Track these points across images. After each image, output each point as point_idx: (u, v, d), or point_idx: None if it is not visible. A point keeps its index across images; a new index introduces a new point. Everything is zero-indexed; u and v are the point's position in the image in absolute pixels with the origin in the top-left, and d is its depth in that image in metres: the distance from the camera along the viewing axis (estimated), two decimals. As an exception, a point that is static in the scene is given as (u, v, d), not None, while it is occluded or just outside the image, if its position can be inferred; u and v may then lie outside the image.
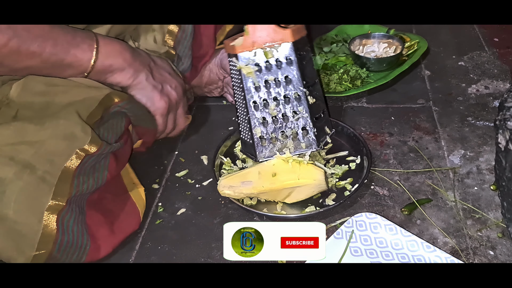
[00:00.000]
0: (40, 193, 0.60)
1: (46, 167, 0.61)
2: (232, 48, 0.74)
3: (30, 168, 0.60)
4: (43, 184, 0.60)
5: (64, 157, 0.63)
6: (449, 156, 0.84)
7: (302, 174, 0.73)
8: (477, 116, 0.93)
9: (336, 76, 1.04)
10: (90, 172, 0.66)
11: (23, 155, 0.60)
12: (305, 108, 0.75)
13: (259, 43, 0.73)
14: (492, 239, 0.68)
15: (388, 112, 0.97)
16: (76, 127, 0.65)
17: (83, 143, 0.64)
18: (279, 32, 0.72)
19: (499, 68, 1.08)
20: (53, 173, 0.61)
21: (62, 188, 0.62)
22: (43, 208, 0.60)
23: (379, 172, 0.82)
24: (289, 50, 0.73)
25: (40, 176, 0.60)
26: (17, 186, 0.58)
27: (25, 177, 0.59)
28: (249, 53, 0.73)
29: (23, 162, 0.60)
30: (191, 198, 0.81)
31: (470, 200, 0.75)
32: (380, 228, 0.69)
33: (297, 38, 0.74)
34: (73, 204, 0.64)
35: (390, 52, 1.09)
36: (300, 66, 0.74)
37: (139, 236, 0.74)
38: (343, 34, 1.21)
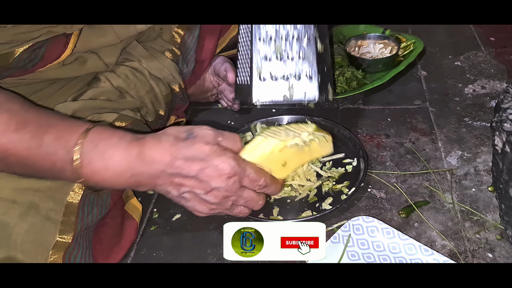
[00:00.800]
0: (45, 232, 0.59)
1: (49, 205, 0.60)
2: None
3: (34, 208, 0.59)
4: (48, 222, 0.59)
5: (65, 191, 0.62)
6: (446, 158, 0.83)
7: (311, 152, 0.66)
8: (474, 117, 0.92)
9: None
10: (94, 201, 0.65)
11: (25, 196, 0.59)
12: (313, 52, 0.69)
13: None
14: (491, 241, 0.68)
15: (385, 113, 0.96)
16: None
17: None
18: None
19: (495, 68, 1.07)
20: (57, 210, 0.60)
21: (68, 224, 0.61)
22: (49, 247, 0.59)
23: (376, 174, 0.81)
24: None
25: (45, 215, 0.59)
26: (22, 229, 0.57)
27: (29, 219, 0.58)
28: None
29: (27, 203, 0.59)
30: (186, 203, 0.80)
31: (468, 202, 0.74)
32: (377, 231, 0.68)
33: None
34: (80, 239, 0.63)
35: (386, 53, 1.08)
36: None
37: (134, 243, 0.73)
38: (338, 35, 1.20)
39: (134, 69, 0.80)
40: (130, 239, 0.73)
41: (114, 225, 0.72)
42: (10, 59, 0.67)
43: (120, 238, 0.72)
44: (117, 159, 0.56)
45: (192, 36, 0.91)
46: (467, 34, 1.23)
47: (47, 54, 0.69)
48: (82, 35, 0.71)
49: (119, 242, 0.71)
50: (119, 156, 0.56)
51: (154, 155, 0.56)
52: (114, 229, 0.72)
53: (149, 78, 0.82)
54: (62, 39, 0.69)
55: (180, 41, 0.89)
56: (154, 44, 0.86)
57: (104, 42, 0.75)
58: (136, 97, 0.79)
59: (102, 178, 0.57)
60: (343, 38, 1.17)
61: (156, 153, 0.56)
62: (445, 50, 1.17)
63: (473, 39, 1.20)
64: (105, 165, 0.56)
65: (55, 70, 0.72)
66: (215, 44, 0.95)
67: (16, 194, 0.59)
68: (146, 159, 0.56)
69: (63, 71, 0.73)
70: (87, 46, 0.73)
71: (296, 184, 0.79)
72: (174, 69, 0.85)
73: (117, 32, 0.75)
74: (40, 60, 0.69)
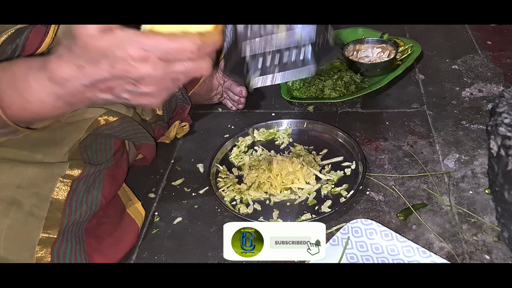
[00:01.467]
0: (29, 228, 0.59)
1: (33, 201, 0.60)
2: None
3: (17, 204, 0.59)
4: (32, 218, 0.60)
5: (48, 187, 0.62)
6: (444, 160, 0.84)
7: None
8: (471, 120, 0.93)
9: (330, 82, 1.04)
10: (83, 198, 0.66)
11: (6, 192, 0.59)
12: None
13: None
14: (488, 244, 0.69)
15: (383, 117, 0.97)
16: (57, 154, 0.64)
17: (63, 170, 0.64)
18: None
19: (492, 71, 1.08)
20: (41, 206, 0.61)
21: (53, 220, 0.61)
22: (35, 243, 0.59)
23: (374, 177, 0.82)
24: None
25: (28, 211, 0.60)
26: (5, 224, 0.58)
27: (12, 214, 0.58)
28: None
29: (8, 199, 0.59)
30: (187, 206, 0.81)
31: (465, 204, 0.75)
32: (375, 234, 0.69)
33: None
34: (68, 234, 0.63)
35: (384, 57, 1.09)
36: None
37: (136, 246, 0.74)
38: (337, 39, 1.21)
39: None
40: (131, 242, 0.73)
41: (111, 224, 0.72)
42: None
43: (119, 239, 0.72)
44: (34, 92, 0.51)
45: None
46: (464, 37, 1.24)
47: (28, 44, 0.66)
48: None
49: (118, 244, 0.72)
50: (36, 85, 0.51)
51: (63, 74, 0.49)
52: (111, 228, 0.72)
53: None
54: (42, 28, 0.66)
55: None
56: None
57: None
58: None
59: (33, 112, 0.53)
60: (342, 43, 1.19)
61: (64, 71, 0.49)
62: (443, 53, 1.18)
63: (470, 43, 1.21)
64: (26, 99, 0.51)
65: None
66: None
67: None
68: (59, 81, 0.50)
69: None
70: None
71: (295, 187, 0.80)
72: None
73: None
74: (22, 51, 0.66)
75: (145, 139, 0.82)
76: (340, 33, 1.23)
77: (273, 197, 0.79)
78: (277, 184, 0.80)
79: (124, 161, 0.79)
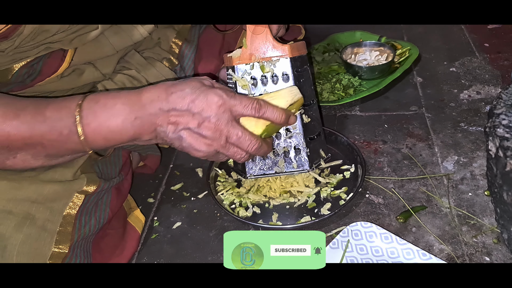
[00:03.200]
0: (41, 242, 0.59)
1: (46, 215, 0.60)
2: (230, 59, 0.74)
3: (30, 219, 0.59)
4: (44, 233, 0.59)
5: (63, 202, 0.62)
6: (443, 163, 0.84)
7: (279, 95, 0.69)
8: (469, 122, 0.94)
9: (328, 85, 1.04)
10: (92, 211, 0.66)
11: (21, 206, 0.59)
12: (299, 126, 0.74)
13: (257, 56, 0.73)
14: (488, 245, 0.69)
15: (381, 119, 0.98)
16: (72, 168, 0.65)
17: (81, 185, 0.64)
18: (278, 47, 0.72)
19: (490, 73, 1.08)
20: (54, 220, 0.61)
21: (64, 234, 0.61)
22: (46, 258, 0.59)
23: (374, 180, 0.82)
24: (287, 66, 0.72)
25: (41, 225, 0.59)
26: (18, 240, 0.57)
27: (25, 229, 0.58)
28: (246, 65, 0.73)
29: (22, 214, 0.59)
30: (186, 211, 0.81)
31: (465, 206, 0.75)
32: (375, 237, 0.69)
33: (295, 55, 0.73)
34: (78, 249, 0.63)
35: (382, 60, 1.10)
36: (297, 83, 0.73)
37: (135, 251, 0.74)
38: (335, 43, 1.22)
39: (131, 77, 0.81)
40: (132, 250, 0.73)
41: (116, 236, 0.73)
42: (9, 75, 0.68)
43: (122, 249, 0.72)
44: (119, 107, 0.59)
45: (190, 46, 0.93)
46: (461, 40, 1.24)
47: (45, 68, 0.70)
48: (79, 48, 0.72)
49: (121, 253, 0.72)
50: (120, 103, 0.59)
51: (151, 95, 0.59)
52: (116, 240, 0.72)
53: None
54: (59, 53, 0.70)
55: (178, 51, 0.91)
56: (152, 53, 0.87)
57: (101, 54, 0.76)
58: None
59: (108, 130, 0.59)
60: (340, 46, 1.19)
61: (153, 93, 0.60)
62: (440, 56, 1.18)
63: (467, 45, 1.21)
64: (109, 114, 0.59)
65: (53, 83, 0.73)
66: (215, 55, 0.96)
67: (12, 205, 0.59)
68: (145, 101, 0.59)
69: (61, 83, 0.74)
70: (84, 58, 0.74)
71: (294, 191, 0.80)
72: (172, 78, 0.86)
73: (113, 43, 0.76)
74: (39, 75, 0.70)
75: (152, 151, 0.82)
76: (338, 37, 1.24)
77: (272, 200, 0.79)
78: (276, 187, 0.80)
79: (129, 173, 0.79)
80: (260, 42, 0.73)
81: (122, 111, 0.59)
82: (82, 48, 0.73)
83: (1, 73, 0.67)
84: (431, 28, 1.32)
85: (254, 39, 0.73)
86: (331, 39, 1.23)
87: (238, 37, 1.01)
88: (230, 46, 0.99)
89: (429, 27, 1.32)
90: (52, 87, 0.74)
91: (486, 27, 1.28)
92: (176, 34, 0.92)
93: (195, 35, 0.95)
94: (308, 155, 0.75)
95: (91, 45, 0.73)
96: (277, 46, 0.73)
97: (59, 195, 0.62)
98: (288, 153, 0.76)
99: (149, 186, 0.87)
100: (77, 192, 0.64)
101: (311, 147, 0.76)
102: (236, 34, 1.01)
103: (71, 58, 0.71)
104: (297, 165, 0.76)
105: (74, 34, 0.68)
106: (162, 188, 0.86)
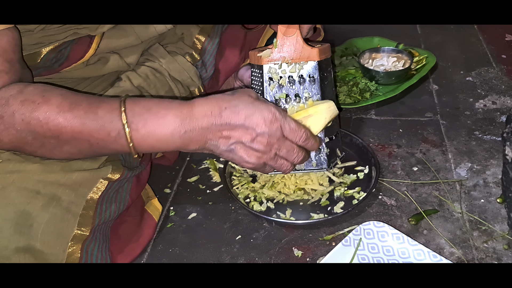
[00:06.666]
0: (65, 223, 0.61)
1: (71, 198, 0.62)
2: (259, 59, 0.76)
3: (56, 200, 0.61)
4: (68, 214, 0.61)
5: (88, 187, 0.64)
6: (456, 169, 0.85)
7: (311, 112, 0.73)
8: (484, 131, 0.95)
9: (345, 88, 1.06)
10: (113, 198, 0.68)
11: (49, 188, 0.61)
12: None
13: (286, 57, 0.75)
14: (498, 251, 0.70)
15: (396, 124, 0.99)
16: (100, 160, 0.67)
17: (106, 173, 0.66)
18: (306, 49, 0.74)
19: (506, 84, 1.09)
20: (78, 203, 0.63)
21: (86, 217, 0.63)
22: (68, 238, 0.61)
23: (387, 182, 0.83)
24: (313, 68, 0.75)
25: (65, 207, 0.61)
26: (44, 219, 0.59)
27: (51, 209, 0.60)
28: (275, 65, 0.75)
29: (49, 195, 0.61)
30: (202, 203, 0.82)
31: (477, 212, 0.76)
32: (387, 236, 0.70)
33: (322, 58, 0.76)
34: (97, 232, 0.65)
35: (399, 66, 1.11)
36: (322, 85, 0.75)
37: (151, 239, 0.76)
38: (352, 47, 1.23)
39: (154, 69, 0.84)
40: (148, 237, 0.75)
41: (133, 223, 0.75)
42: (38, 58, 0.70)
43: (139, 236, 0.74)
44: (170, 118, 0.61)
45: (212, 42, 0.95)
46: (479, 50, 1.25)
47: (72, 54, 0.73)
48: (105, 36, 0.75)
49: (138, 240, 0.74)
50: (172, 114, 0.61)
51: (204, 110, 0.61)
52: (133, 227, 0.74)
53: (169, 79, 0.85)
54: (86, 39, 0.73)
55: (200, 47, 0.93)
56: (175, 48, 0.90)
57: (126, 43, 0.78)
58: (155, 97, 0.82)
59: (156, 138, 0.61)
60: (357, 51, 1.21)
61: (206, 107, 0.61)
62: (457, 65, 1.19)
63: (485, 56, 1.22)
64: (159, 123, 0.61)
65: (80, 70, 0.76)
66: (236, 53, 0.98)
67: (41, 186, 0.61)
68: (197, 115, 0.61)
69: (87, 71, 0.77)
70: (109, 46, 0.77)
71: (309, 188, 0.81)
72: (194, 72, 0.89)
73: (138, 33, 0.78)
74: (66, 60, 0.73)
75: None
76: (356, 42, 1.25)
77: (286, 196, 0.80)
78: (291, 184, 0.81)
79: (149, 163, 0.81)
80: (290, 44, 0.74)
81: (172, 123, 0.61)
82: (108, 36, 0.75)
83: (31, 56, 0.69)
84: (448, 37, 1.33)
85: (285, 40, 0.74)
86: (349, 44, 1.25)
87: (260, 36, 1.03)
88: (251, 45, 1.01)
89: (447, 36, 1.33)
90: (78, 73, 0.76)
91: (504, 39, 1.29)
92: (199, 30, 0.94)
93: (217, 32, 0.97)
94: (327, 155, 0.77)
95: (117, 33, 0.76)
96: (307, 49, 0.74)
97: (85, 180, 0.64)
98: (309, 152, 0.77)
99: (166, 177, 0.89)
100: (102, 178, 0.66)
101: (330, 147, 0.78)
102: (258, 33, 1.03)
103: (97, 44, 0.74)
104: (316, 163, 0.77)
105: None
106: (179, 179, 0.88)
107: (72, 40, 0.72)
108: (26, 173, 0.61)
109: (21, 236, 0.58)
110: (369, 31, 1.28)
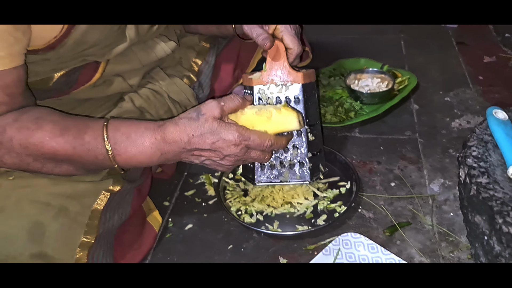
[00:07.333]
0: (73, 232, 0.69)
1: (77, 208, 0.70)
2: (250, 80, 0.84)
3: (64, 211, 0.69)
4: (75, 224, 0.69)
5: (92, 198, 0.72)
6: (430, 184, 0.94)
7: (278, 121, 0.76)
8: (457, 149, 1.03)
9: (332, 108, 1.14)
10: (116, 208, 0.76)
11: (58, 200, 0.69)
12: (305, 143, 0.84)
13: (274, 80, 0.83)
14: (462, 260, 0.77)
15: (378, 142, 1.07)
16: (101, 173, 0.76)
17: (108, 185, 0.74)
18: (292, 73, 0.83)
19: (481, 105, 1.18)
20: (84, 214, 0.70)
21: (92, 227, 0.71)
22: (76, 245, 0.69)
23: (366, 196, 0.91)
24: (298, 90, 0.83)
25: (73, 217, 0.69)
26: (54, 228, 0.67)
27: (61, 220, 0.68)
28: (264, 87, 0.84)
29: (58, 206, 0.69)
30: (197, 215, 0.90)
31: (446, 224, 0.84)
32: (363, 246, 0.78)
33: (306, 82, 0.84)
34: (102, 240, 0.73)
35: (382, 86, 1.19)
36: (306, 106, 0.83)
37: (151, 247, 0.84)
38: (340, 68, 1.32)
39: (155, 91, 0.92)
40: (149, 245, 0.84)
41: (135, 232, 0.83)
42: (50, 82, 0.79)
43: (140, 244, 0.82)
44: (147, 145, 0.71)
45: (208, 65, 1.04)
46: (458, 72, 1.34)
47: (81, 78, 0.82)
48: (110, 62, 0.83)
49: (139, 247, 0.82)
50: (148, 142, 0.71)
51: (175, 137, 0.71)
52: (135, 235, 0.82)
53: (168, 100, 0.93)
54: (93, 65, 0.81)
55: (197, 70, 1.01)
56: (174, 71, 0.98)
57: (129, 67, 0.87)
58: (155, 116, 0.91)
59: (137, 161, 0.72)
60: (345, 71, 1.29)
61: (176, 135, 0.71)
62: (437, 86, 1.27)
63: (463, 77, 1.31)
64: (139, 150, 0.71)
65: (87, 91, 0.84)
66: (230, 74, 1.07)
67: (51, 198, 0.69)
68: (169, 141, 0.71)
69: (93, 92, 0.86)
70: (114, 70, 0.85)
71: (295, 202, 0.89)
72: (191, 94, 0.97)
73: (140, 58, 0.87)
74: (75, 83, 0.82)
75: None
76: (344, 62, 1.34)
77: (274, 209, 0.89)
78: (279, 198, 0.89)
79: (149, 177, 0.89)
80: (277, 68, 0.83)
81: (149, 149, 0.71)
82: (113, 62, 0.84)
83: (44, 80, 0.78)
84: (430, 58, 1.42)
85: (272, 65, 0.83)
86: (337, 65, 1.33)
87: (251, 58, 1.12)
88: (243, 66, 1.10)
89: (429, 58, 1.42)
90: (85, 94, 0.85)
91: (482, 60, 1.38)
92: (196, 54, 1.02)
93: (213, 56, 1.06)
94: (310, 169, 0.85)
95: (121, 59, 0.84)
96: (292, 73, 0.83)
97: (89, 192, 0.72)
98: (293, 166, 0.85)
99: (165, 190, 0.97)
100: (104, 190, 0.74)
101: (313, 162, 0.86)
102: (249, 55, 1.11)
103: (103, 69, 0.83)
104: (300, 176, 0.85)
105: (107, 48, 0.79)
106: (177, 193, 0.96)
107: (81, 66, 0.80)
108: (37, 187, 0.69)
109: (35, 244, 0.65)
110: (357, 51, 1.36)
